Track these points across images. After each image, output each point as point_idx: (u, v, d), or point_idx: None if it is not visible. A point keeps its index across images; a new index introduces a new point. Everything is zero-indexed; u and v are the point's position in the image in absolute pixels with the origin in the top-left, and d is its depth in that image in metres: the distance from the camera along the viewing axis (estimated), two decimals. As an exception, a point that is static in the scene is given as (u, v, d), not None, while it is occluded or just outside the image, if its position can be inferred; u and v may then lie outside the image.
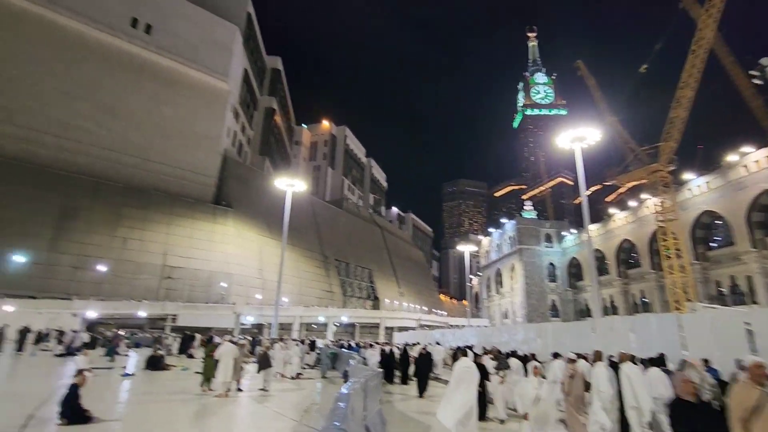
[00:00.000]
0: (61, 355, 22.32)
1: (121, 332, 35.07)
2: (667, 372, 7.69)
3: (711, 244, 51.82)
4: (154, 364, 17.86)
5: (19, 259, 42.33)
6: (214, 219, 60.22)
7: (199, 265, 55.61)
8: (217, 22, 66.73)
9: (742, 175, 45.59)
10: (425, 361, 13.83)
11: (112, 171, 53.45)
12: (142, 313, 43.93)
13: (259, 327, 52.02)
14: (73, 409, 7.89)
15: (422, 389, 13.07)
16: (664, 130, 52.00)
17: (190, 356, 24.74)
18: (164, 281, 52.04)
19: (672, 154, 52.82)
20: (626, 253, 65.70)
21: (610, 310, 65.58)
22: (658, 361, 7.98)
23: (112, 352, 21.86)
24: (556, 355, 10.78)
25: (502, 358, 9.97)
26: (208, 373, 12.35)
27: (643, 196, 60.89)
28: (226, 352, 11.77)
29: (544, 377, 7.92)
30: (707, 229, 51.85)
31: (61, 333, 27.16)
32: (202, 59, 63.93)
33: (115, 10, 56.77)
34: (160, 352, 19.72)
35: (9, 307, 33.55)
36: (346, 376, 15.83)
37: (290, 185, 28.55)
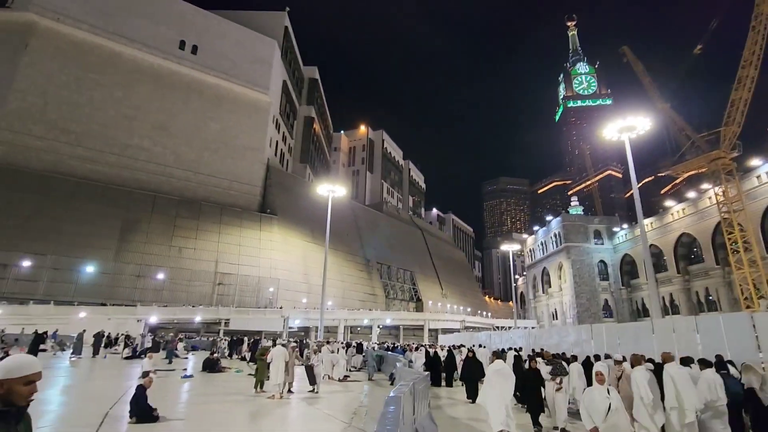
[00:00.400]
0: (128, 358, 24.06)
1: (179, 336, 37.21)
2: (727, 376, 7.18)
3: (786, 235, 47.20)
4: (211, 366, 18.82)
5: (89, 269, 46.27)
6: (260, 226, 62.66)
7: (247, 271, 58.02)
8: (257, 38, 69.78)
9: (821, 158, 41.33)
10: (473, 364, 13.57)
11: (167, 185, 57.19)
12: (198, 318, 46.45)
13: (305, 330, 53.38)
14: (141, 409, 8.50)
15: (473, 394, 12.79)
16: (725, 114, 48.18)
17: (243, 358, 25.85)
18: (217, 287, 54.78)
19: (735, 139, 48.84)
20: (686, 248, 61.21)
21: (670, 309, 61.32)
22: (716, 364, 7.44)
23: (171, 354, 23.27)
24: (597, 357, 10.32)
25: (557, 362, 9.52)
26: (261, 375, 12.88)
27: (704, 186, 56.59)
28: (277, 355, 12.20)
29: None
30: (781, 220, 47.30)
31: (128, 337, 29.36)
32: (244, 74, 67.06)
33: (165, 35, 60.97)
34: (216, 355, 20.79)
35: (83, 314, 36.76)
36: (392, 379, 15.92)
37: (331, 191, 29.17)
